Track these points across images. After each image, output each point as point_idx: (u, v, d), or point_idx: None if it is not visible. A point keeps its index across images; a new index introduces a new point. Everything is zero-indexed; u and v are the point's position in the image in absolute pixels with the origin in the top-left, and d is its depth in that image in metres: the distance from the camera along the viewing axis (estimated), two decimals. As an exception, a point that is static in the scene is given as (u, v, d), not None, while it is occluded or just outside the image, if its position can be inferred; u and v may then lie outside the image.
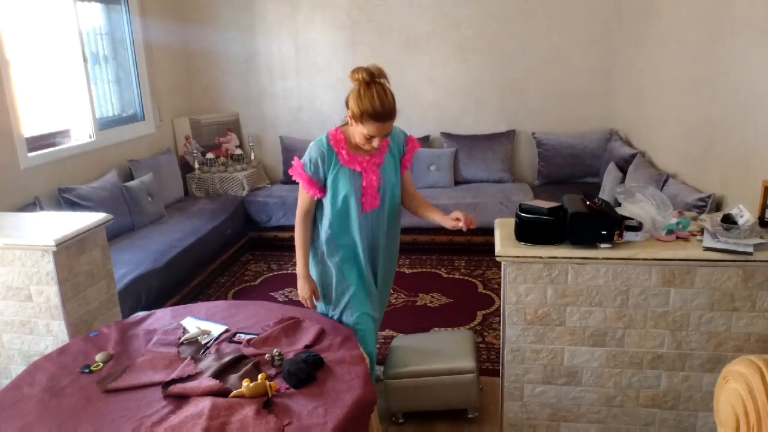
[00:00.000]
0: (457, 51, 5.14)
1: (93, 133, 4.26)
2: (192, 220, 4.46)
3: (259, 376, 1.81)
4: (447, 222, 2.27)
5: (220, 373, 1.92)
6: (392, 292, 4.04)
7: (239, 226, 4.95)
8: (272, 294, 4.08)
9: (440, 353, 2.65)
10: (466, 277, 4.26)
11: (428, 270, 4.43)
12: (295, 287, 2.46)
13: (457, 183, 5.12)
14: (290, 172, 2.27)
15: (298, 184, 2.28)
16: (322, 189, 2.25)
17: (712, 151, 2.98)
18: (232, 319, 2.36)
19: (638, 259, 2.00)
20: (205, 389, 1.82)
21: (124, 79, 4.76)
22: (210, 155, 5.27)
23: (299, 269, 2.35)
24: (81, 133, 4.21)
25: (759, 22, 2.52)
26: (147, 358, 2.05)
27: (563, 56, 5.02)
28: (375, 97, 2.07)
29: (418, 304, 3.88)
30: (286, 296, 4.03)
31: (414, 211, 2.47)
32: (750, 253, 1.94)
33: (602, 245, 2.03)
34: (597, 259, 2.02)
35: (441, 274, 4.35)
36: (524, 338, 2.16)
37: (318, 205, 2.32)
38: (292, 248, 4.94)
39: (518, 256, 2.05)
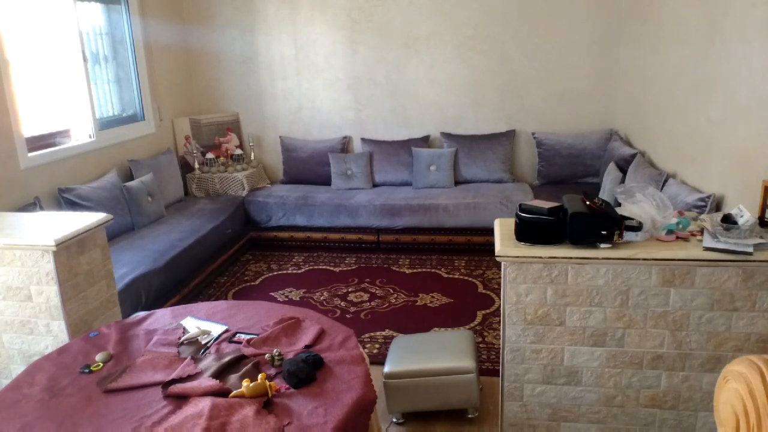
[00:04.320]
0: (457, 51, 5.14)
1: (93, 133, 4.26)
2: (192, 220, 4.45)
3: (259, 376, 1.81)
4: None
5: (220, 373, 1.92)
6: (392, 291, 4.06)
7: (239, 226, 4.95)
8: (272, 294, 4.08)
9: (440, 353, 2.65)
10: (466, 277, 4.26)
11: (428, 270, 4.43)
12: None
13: (457, 183, 5.11)
14: None
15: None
16: None
17: (712, 151, 2.98)
18: (232, 319, 2.36)
19: (638, 259, 2.00)
20: (205, 389, 1.82)
21: (124, 79, 4.76)
22: (210, 155, 5.27)
23: None
24: (81, 133, 4.21)
25: (759, 22, 2.52)
26: (147, 358, 2.05)
27: (563, 56, 5.02)
28: None
29: (418, 304, 3.88)
30: (286, 296, 4.03)
31: None
32: (750, 253, 1.94)
33: (602, 245, 2.03)
34: (597, 259, 2.02)
35: (441, 274, 4.35)
36: (524, 338, 2.15)
37: None
38: (292, 248, 5.01)
39: (518, 256, 2.05)
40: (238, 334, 2.22)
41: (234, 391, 1.80)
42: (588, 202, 2.06)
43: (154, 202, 4.38)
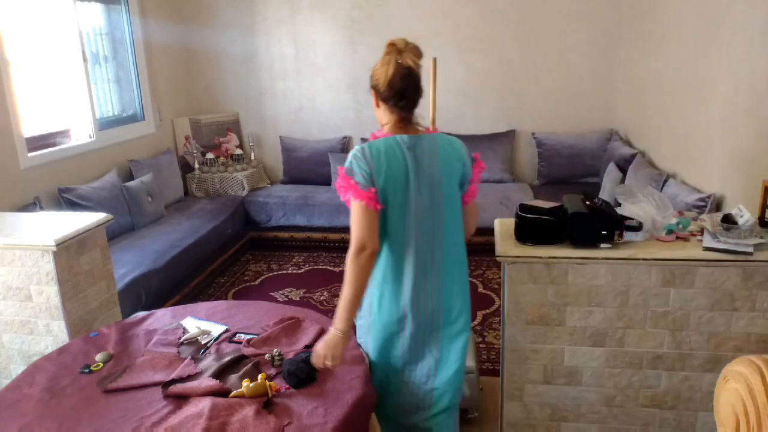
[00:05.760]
0: (457, 51, 5.14)
1: (93, 133, 4.26)
2: (192, 220, 4.45)
3: (259, 376, 1.81)
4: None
5: (220, 373, 1.92)
6: (392, 292, 4.05)
7: (239, 226, 4.95)
8: (272, 294, 4.08)
9: (440, 353, 2.65)
10: (466, 277, 4.26)
11: (428, 270, 4.42)
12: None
13: (457, 183, 5.11)
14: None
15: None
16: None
17: (712, 151, 2.98)
18: (232, 319, 2.35)
19: (638, 259, 2.00)
20: (205, 389, 1.82)
21: (124, 79, 4.76)
22: (210, 155, 5.27)
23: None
24: (81, 133, 4.21)
25: (759, 22, 2.52)
26: (147, 358, 2.05)
27: (563, 56, 5.02)
28: None
29: (418, 304, 3.87)
30: (286, 296, 4.03)
31: None
32: (750, 253, 1.94)
33: (602, 245, 2.03)
34: (597, 259, 2.02)
35: (441, 274, 4.34)
36: (524, 338, 2.15)
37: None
38: (292, 248, 5.01)
39: (518, 256, 2.05)
40: (238, 334, 2.22)
41: (234, 391, 1.80)
42: (588, 202, 2.06)
43: (154, 202, 4.38)
